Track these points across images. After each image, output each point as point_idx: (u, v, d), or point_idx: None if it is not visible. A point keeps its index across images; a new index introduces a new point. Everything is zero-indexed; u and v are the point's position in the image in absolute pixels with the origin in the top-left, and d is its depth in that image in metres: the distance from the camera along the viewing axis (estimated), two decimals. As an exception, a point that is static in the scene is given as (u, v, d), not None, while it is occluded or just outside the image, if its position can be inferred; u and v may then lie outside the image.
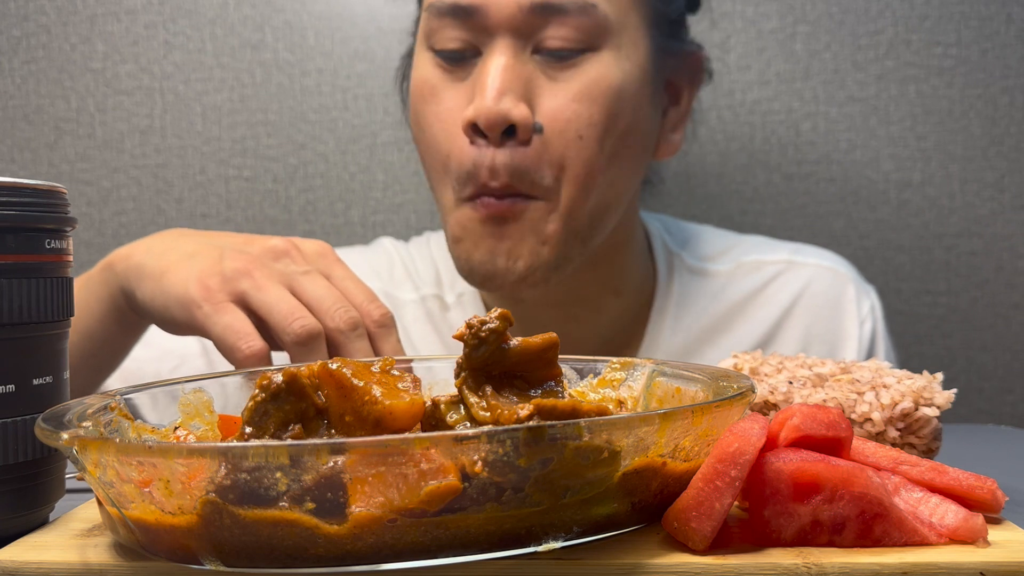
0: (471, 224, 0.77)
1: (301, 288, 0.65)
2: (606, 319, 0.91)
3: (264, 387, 0.40)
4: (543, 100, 0.76)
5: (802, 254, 0.96)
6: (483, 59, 0.77)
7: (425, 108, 0.80)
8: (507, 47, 0.75)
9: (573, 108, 0.76)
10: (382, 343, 0.66)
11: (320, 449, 0.33)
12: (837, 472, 0.38)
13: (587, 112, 0.76)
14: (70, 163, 1.16)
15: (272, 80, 1.15)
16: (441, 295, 0.96)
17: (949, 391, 0.52)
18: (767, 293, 0.93)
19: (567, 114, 0.76)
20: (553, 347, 0.43)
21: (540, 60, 0.77)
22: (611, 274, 0.89)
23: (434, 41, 0.79)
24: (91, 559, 0.38)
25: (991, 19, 1.11)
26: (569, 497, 0.36)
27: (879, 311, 0.94)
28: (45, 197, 0.44)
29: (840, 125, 1.13)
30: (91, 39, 1.15)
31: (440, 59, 0.79)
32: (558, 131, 0.75)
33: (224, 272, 0.65)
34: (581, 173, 0.77)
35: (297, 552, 0.34)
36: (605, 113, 0.76)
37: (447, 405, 0.42)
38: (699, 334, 0.91)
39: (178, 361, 0.90)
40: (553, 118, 0.76)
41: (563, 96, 0.76)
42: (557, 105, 0.76)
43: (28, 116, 1.16)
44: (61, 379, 0.46)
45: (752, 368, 0.56)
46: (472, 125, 0.75)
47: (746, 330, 0.92)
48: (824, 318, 0.92)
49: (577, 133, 0.76)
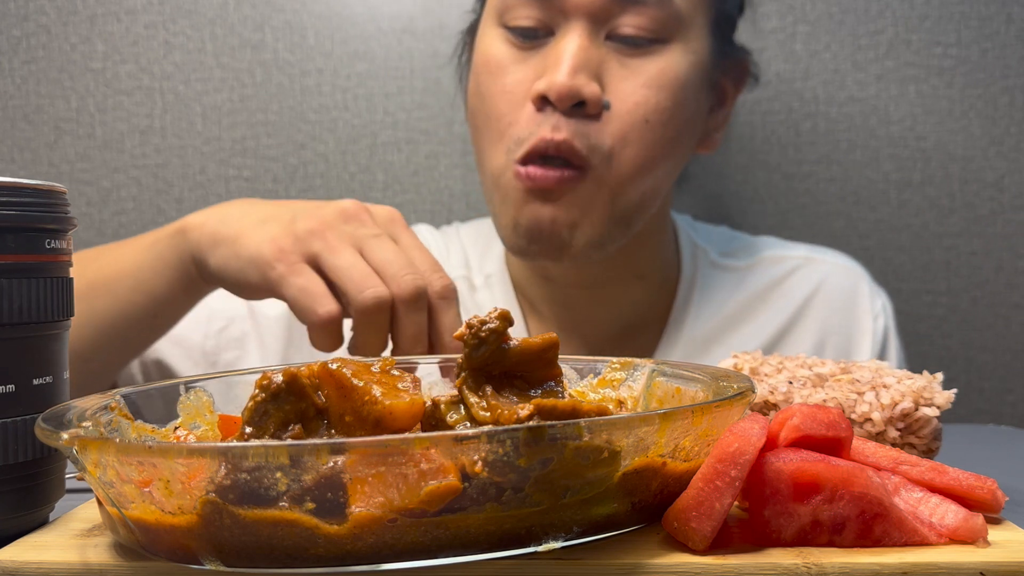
0: (519, 191, 0.79)
1: (371, 251, 0.66)
2: (629, 303, 0.93)
3: (264, 387, 0.40)
4: (614, 82, 0.78)
5: (819, 252, 0.99)
6: (556, 39, 0.79)
7: (491, 80, 0.81)
8: (582, 30, 0.77)
9: (643, 93, 0.78)
10: (442, 315, 0.66)
11: (320, 449, 0.33)
12: (837, 472, 0.38)
13: (655, 98, 0.78)
14: (70, 163, 1.16)
15: (272, 80, 1.15)
16: (470, 277, 0.97)
17: (949, 391, 0.52)
18: (786, 286, 0.96)
19: (636, 97, 0.78)
20: (553, 347, 0.43)
21: (613, 46, 0.79)
22: (640, 259, 0.92)
23: (508, 18, 0.81)
24: (91, 559, 0.38)
25: (991, 19, 1.11)
26: (569, 497, 0.36)
27: (890, 310, 0.97)
28: (45, 197, 0.44)
29: (840, 125, 1.13)
30: (91, 39, 1.15)
31: (512, 35, 0.81)
32: (626, 111, 0.78)
33: (297, 233, 0.66)
34: (640, 155, 0.79)
35: (297, 552, 0.34)
36: (672, 102, 0.79)
37: (447, 405, 0.42)
38: (719, 323, 0.93)
39: (225, 322, 0.92)
40: (623, 100, 0.78)
41: (633, 81, 0.78)
42: (628, 88, 0.78)
43: (28, 116, 1.16)
44: (61, 379, 0.46)
45: (752, 368, 0.56)
46: (542, 97, 0.77)
47: (765, 320, 0.94)
48: (840, 311, 0.95)
49: (644, 117, 0.78)
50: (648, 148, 0.79)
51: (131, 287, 0.75)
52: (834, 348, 0.94)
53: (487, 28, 0.84)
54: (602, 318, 0.93)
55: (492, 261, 0.97)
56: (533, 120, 0.77)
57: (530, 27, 0.80)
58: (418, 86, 1.14)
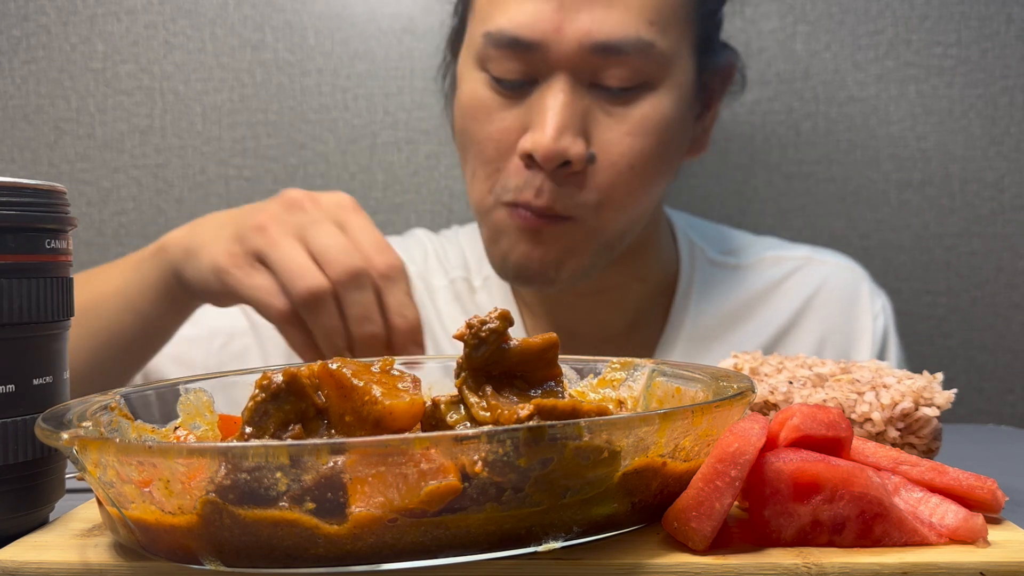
0: (507, 228, 0.80)
1: (311, 239, 0.66)
2: (632, 304, 0.94)
3: (264, 387, 0.40)
4: (598, 132, 0.78)
5: (820, 252, 0.99)
6: (540, 91, 0.77)
7: (476, 127, 0.81)
8: (565, 83, 0.76)
9: (627, 142, 0.78)
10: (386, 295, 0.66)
11: (320, 449, 0.33)
12: (837, 472, 0.38)
13: (640, 145, 0.78)
14: (70, 163, 1.16)
15: (272, 80, 1.15)
16: (469, 278, 0.98)
17: (949, 391, 0.52)
18: (787, 286, 0.96)
19: (621, 147, 0.77)
20: (553, 347, 0.43)
21: (597, 94, 0.78)
22: (639, 264, 0.92)
23: (490, 67, 0.79)
24: (91, 559, 0.38)
25: (991, 19, 1.11)
26: (569, 497, 0.36)
27: (890, 310, 0.97)
28: (45, 197, 0.44)
29: (840, 125, 1.13)
30: (91, 39, 1.15)
31: (495, 83, 0.80)
32: (611, 162, 0.78)
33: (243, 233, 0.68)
34: (624, 201, 0.79)
35: (297, 552, 0.34)
36: (657, 145, 0.79)
37: (447, 405, 0.42)
38: (720, 322, 0.93)
39: (225, 339, 0.92)
40: (607, 150, 0.77)
41: (618, 130, 0.78)
42: (612, 138, 0.77)
43: (28, 116, 1.16)
44: (61, 379, 0.46)
45: (752, 368, 0.56)
46: (529, 156, 0.76)
47: (765, 320, 0.94)
48: (840, 312, 0.95)
49: (629, 164, 0.78)
50: (635, 191, 0.79)
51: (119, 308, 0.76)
52: (834, 348, 0.94)
53: (470, 69, 0.82)
54: (601, 319, 0.93)
55: None
56: (520, 175, 0.78)
57: (514, 80, 0.79)
58: (418, 86, 1.14)
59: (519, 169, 0.78)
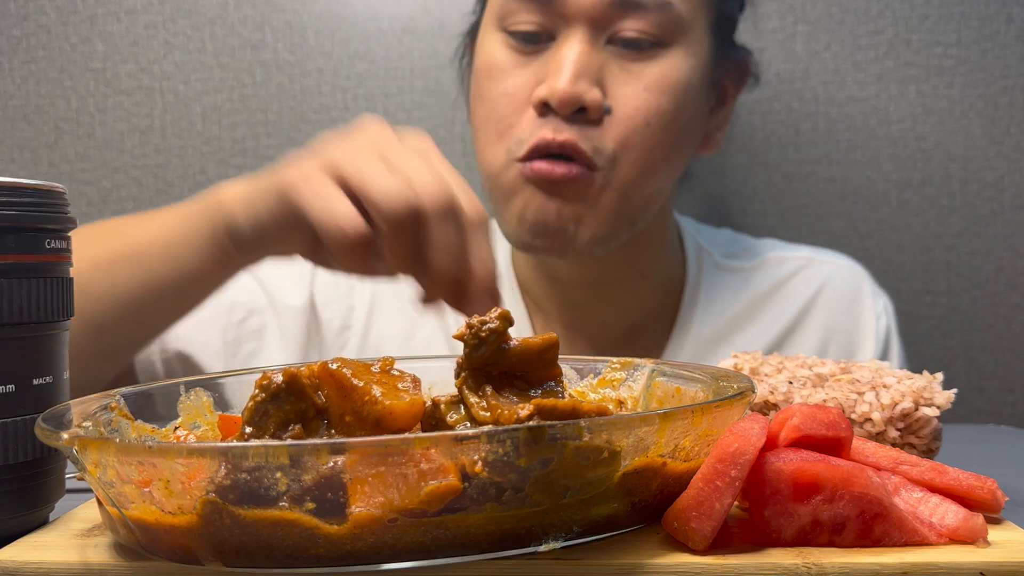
0: (521, 186, 0.79)
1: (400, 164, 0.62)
2: (635, 303, 0.94)
3: (264, 387, 0.40)
4: (615, 87, 0.78)
5: (821, 253, 1.00)
6: (557, 44, 0.79)
7: (492, 84, 0.82)
8: (583, 35, 0.78)
9: (644, 97, 0.78)
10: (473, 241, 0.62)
11: (320, 449, 0.33)
12: (837, 472, 0.38)
13: (656, 102, 0.79)
14: (70, 163, 1.16)
15: (272, 80, 1.15)
16: None
17: (949, 391, 0.52)
18: (790, 286, 0.96)
19: (637, 102, 0.78)
20: (553, 347, 0.43)
21: (613, 50, 0.79)
22: (642, 259, 0.92)
23: (508, 23, 0.81)
24: (91, 559, 0.38)
25: (991, 19, 1.11)
26: (569, 497, 0.36)
27: (892, 311, 0.98)
28: (45, 197, 0.44)
29: (840, 125, 1.13)
30: (91, 39, 1.15)
31: (512, 40, 0.81)
32: (627, 116, 0.78)
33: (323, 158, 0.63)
34: (643, 157, 0.79)
35: (297, 552, 0.34)
36: (673, 105, 0.79)
37: (447, 405, 0.42)
38: (725, 324, 0.94)
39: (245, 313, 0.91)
40: (624, 104, 0.78)
41: (635, 85, 0.79)
42: (629, 92, 0.78)
43: (28, 116, 1.16)
44: (61, 379, 0.46)
45: (752, 368, 0.56)
46: (544, 103, 0.77)
47: (769, 320, 0.95)
48: (843, 311, 0.95)
49: (645, 120, 0.79)
50: (650, 151, 0.79)
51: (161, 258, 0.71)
52: (837, 348, 0.94)
53: (487, 32, 0.84)
54: (608, 318, 0.93)
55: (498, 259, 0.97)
56: (534, 124, 0.78)
57: (531, 31, 0.80)
58: (418, 86, 1.14)
59: (533, 122, 0.78)
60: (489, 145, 0.82)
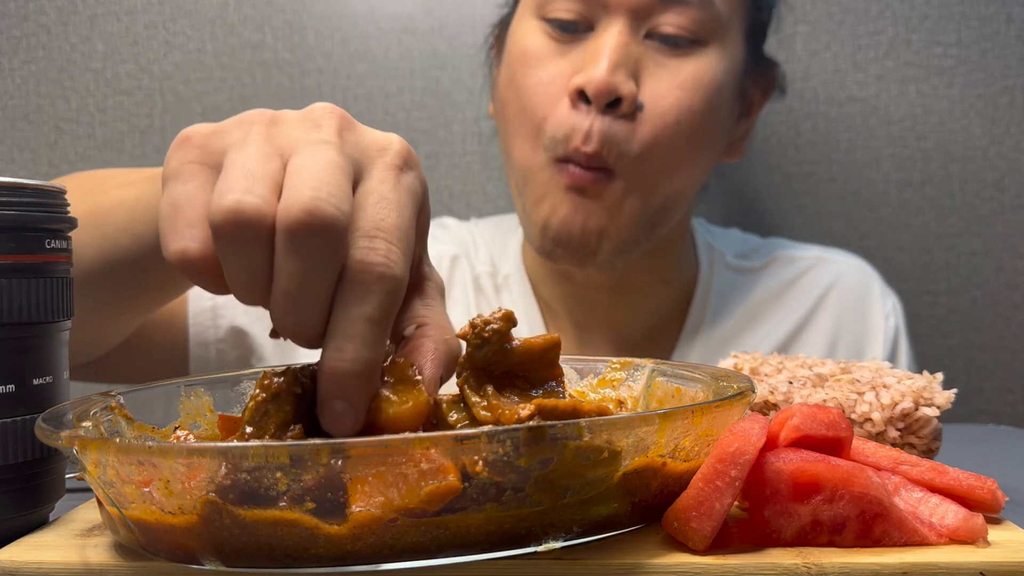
0: (556, 188, 0.78)
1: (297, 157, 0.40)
2: (651, 307, 0.93)
3: (264, 387, 0.39)
4: (649, 82, 0.78)
5: (831, 252, 1.00)
6: (596, 34, 0.79)
7: (527, 73, 0.81)
8: (623, 26, 0.77)
9: (676, 94, 0.78)
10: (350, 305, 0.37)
11: (320, 449, 0.33)
12: (837, 472, 0.38)
13: (688, 100, 0.78)
14: (70, 163, 1.16)
15: (272, 80, 1.15)
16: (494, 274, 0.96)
17: (949, 391, 0.52)
18: (800, 285, 0.96)
19: (670, 99, 0.78)
20: (555, 347, 0.43)
21: (651, 44, 0.79)
22: (664, 265, 0.92)
23: (547, 10, 0.80)
24: (91, 559, 0.38)
25: (991, 19, 1.11)
26: (569, 497, 0.36)
27: (900, 311, 0.97)
28: (45, 197, 0.44)
29: (840, 125, 1.13)
30: (91, 39, 1.15)
31: (550, 27, 0.80)
32: (659, 113, 0.78)
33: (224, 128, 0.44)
34: (669, 156, 0.79)
35: (297, 552, 0.34)
36: (705, 105, 0.79)
37: (448, 404, 0.42)
38: (736, 324, 0.93)
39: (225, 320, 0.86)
40: (656, 100, 0.78)
41: (669, 81, 0.78)
42: (662, 88, 0.78)
43: (28, 116, 1.16)
44: (61, 379, 0.46)
45: (752, 368, 0.56)
46: (579, 92, 0.76)
47: (779, 319, 0.94)
48: (853, 310, 0.95)
49: (676, 118, 0.78)
50: (677, 150, 0.79)
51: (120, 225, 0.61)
52: (847, 347, 0.94)
53: (524, 20, 0.83)
54: (622, 321, 0.92)
55: (509, 261, 0.96)
56: (568, 118, 0.77)
57: (570, 20, 0.79)
58: (418, 86, 1.14)
59: (567, 113, 0.77)
60: (521, 139, 0.81)
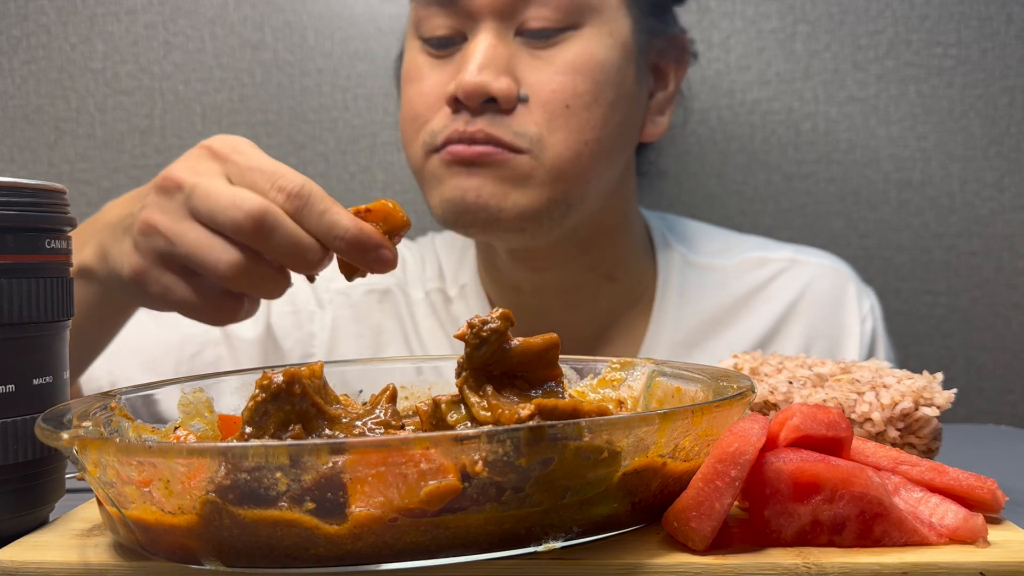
0: (439, 171, 0.79)
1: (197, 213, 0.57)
2: (604, 307, 0.92)
3: (264, 387, 0.39)
4: (528, 74, 0.79)
5: (804, 253, 0.97)
6: (468, 42, 0.80)
7: (409, 87, 0.83)
8: (491, 30, 0.78)
9: (558, 80, 0.78)
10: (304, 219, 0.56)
11: (320, 449, 0.33)
12: (837, 472, 0.38)
13: (572, 83, 0.78)
14: (70, 163, 1.16)
15: (272, 80, 1.15)
16: (444, 289, 0.97)
17: (949, 391, 0.52)
18: (771, 289, 0.94)
19: (552, 85, 0.78)
20: (554, 347, 0.43)
21: (524, 41, 0.79)
22: (603, 259, 0.90)
23: (422, 30, 0.82)
24: (91, 559, 0.38)
25: (991, 19, 1.11)
26: (569, 497, 0.36)
27: (878, 311, 0.95)
28: (45, 197, 0.44)
29: (840, 125, 1.13)
30: (91, 39, 1.15)
31: (428, 46, 0.82)
32: (545, 100, 0.78)
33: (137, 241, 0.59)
34: (569, 139, 0.78)
35: (297, 552, 0.34)
36: (590, 84, 0.79)
37: (448, 405, 0.42)
38: (702, 327, 0.92)
39: (198, 347, 0.90)
40: (539, 89, 0.78)
41: (547, 70, 0.79)
42: (542, 78, 0.78)
43: (28, 116, 1.16)
44: (61, 379, 0.46)
45: (752, 368, 0.56)
46: (454, 98, 0.77)
47: (749, 324, 0.93)
48: (826, 315, 0.93)
49: (564, 103, 0.78)
50: (576, 132, 0.78)
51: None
52: (820, 352, 0.92)
53: (409, 41, 0.86)
54: (576, 323, 0.91)
55: (466, 271, 0.96)
56: (448, 119, 0.78)
57: (444, 35, 0.81)
58: (418, 86, 1.14)
59: (446, 116, 0.79)
60: (409, 143, 0.83)
